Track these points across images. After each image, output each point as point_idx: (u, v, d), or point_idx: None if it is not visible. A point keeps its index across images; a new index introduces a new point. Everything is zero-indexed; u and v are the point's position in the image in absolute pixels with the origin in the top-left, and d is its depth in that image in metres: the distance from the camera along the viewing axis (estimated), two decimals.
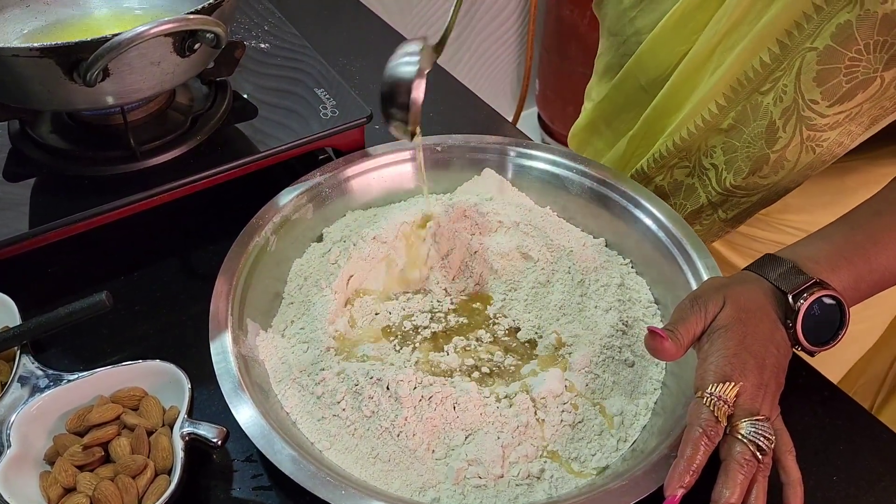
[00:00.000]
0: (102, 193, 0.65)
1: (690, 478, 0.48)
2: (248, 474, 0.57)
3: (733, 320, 0.53)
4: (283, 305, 0.65)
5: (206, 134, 0.71)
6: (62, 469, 0.51)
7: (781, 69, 0.63)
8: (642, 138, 0.79)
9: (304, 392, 0.58)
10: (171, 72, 0.62)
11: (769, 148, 0.66)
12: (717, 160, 0.71)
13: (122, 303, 0.67)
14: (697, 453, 0.48)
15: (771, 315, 0.54)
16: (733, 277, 0.57)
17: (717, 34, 0.67)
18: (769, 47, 0.63)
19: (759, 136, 0.67)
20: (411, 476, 0.54)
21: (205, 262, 0.72)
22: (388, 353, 0.62)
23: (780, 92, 0.64)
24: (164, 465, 0.52)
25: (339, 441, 0.56)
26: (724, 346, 0.52)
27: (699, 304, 0.54)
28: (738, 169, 0.70)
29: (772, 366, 0.52)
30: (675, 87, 0.73)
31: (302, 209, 0.69)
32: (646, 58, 0.76)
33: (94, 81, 0.55)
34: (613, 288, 0.65)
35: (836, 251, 0.57)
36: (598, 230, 0.72)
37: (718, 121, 0.69)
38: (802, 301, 0.53)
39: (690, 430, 0.49)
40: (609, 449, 0.56)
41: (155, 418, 0.55)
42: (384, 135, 0.86)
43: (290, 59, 0.82)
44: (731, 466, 0.48)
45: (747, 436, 0.49)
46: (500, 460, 0.54)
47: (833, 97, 0.61)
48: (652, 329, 0.53)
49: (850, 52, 0.59)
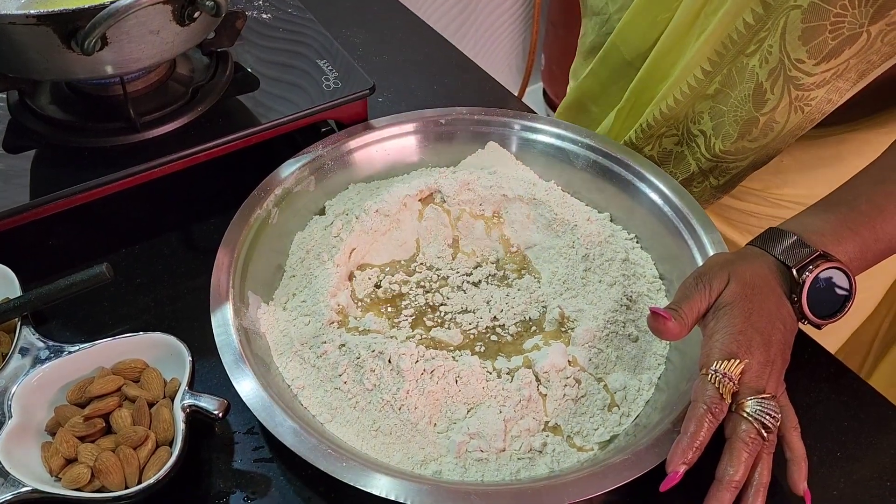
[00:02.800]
0: (102, 165, 0.65)
1: (693, 454, 0.48)
2: (249, 446, 0.57)
3: (739, 297, 0.52)
4: (284, 278, 0.65)
5: (207, 105, 0.70)
6: (63, 440, 0.51)
7: (766, 29, 0.62)
8: (630, 111, 0.78)
9: (306, 365, 0.58)
10: (171, 41, 0.61)
11: (757, 111, 0.66)
12: (704, 126, 0.71)
13: (122, 275, 0.67)
14: (701, 430, 0.48)
15: (776, 290, 0.53)
16: (738, 253, 0.56)
17: (698, 0, 0.66)
18: (752, 7, 0.62)
19: (747, 99, 0.66)
20: (413, 449, 0.54)
21: (206, 235, 0.71)
22: (390, 327, 0.62)
23: (765, 53, 0.63)
24: (165, 437, 0.52)
25: (341, 414, 0.55)
26: (729, 323, 0.51)
27: (704, 282, 0.53)
28: (726, 134, 0.69)
29: (778, 342, 0.52)
30: (659, 56, 0.72)
31: (304, 181, 0.69)
32: (627, 30, 0.75)
33: (92, 50, 0.55)
34: (618, 263, 0.64)
35: (841, 222, 0.56)
36: (602, 204, 0.71)
37: (704, 86, 0.68)
38: (807, 274, 0.53)
39: (695, 406, 0.49)
40: (612, 424, 0.56)
41: (156, 390, 0.55)
42: (386, 107, 0.85)
43: (292, 30, 0.81)
44: (735, 445, 0.48)
45: (753, 414, 0.49)
46: (502, 434, 0.54)
47: (819, 55, 0.60)
48: (654, 310, 0.52)
49: (835, 8, 0.58)
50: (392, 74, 0.91)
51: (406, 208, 0.68)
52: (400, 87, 0.89)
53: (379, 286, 0.65)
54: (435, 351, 0.57)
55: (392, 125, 0.74)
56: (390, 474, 0.50)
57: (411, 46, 0.97)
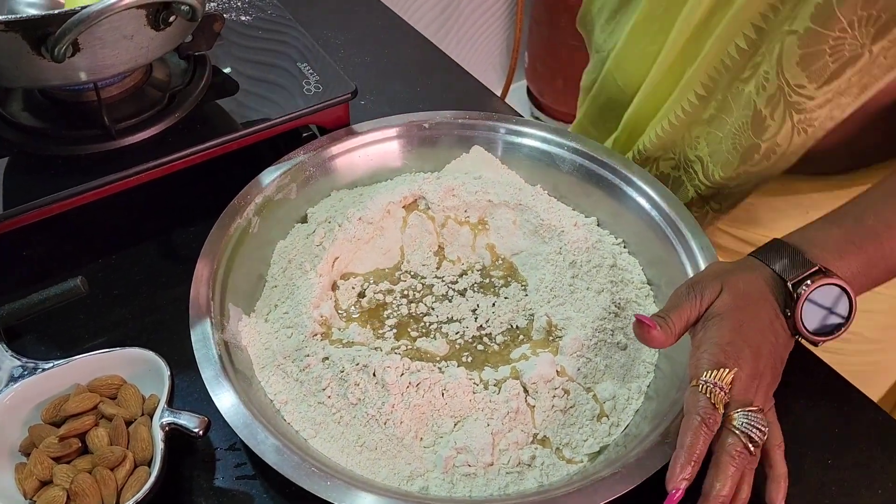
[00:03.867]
0: (77, 174, 0.63)
1: (693, 468, 0.47)
2: (231, 463, 0.55)
3: (730, 307, 0.51)
4: (266, 289, 0.64)
5: (184, 111, 0.68)
6: (38, 461, 0.50)
7: (760, 54, 0.61)
8: (626, 139, 0.77)
9: (289, 379, 0.57)
10: (146, 46, 0.59)
11: (758, 137, 0.64)
12: (701, 152, 0.70)
13: (99, 287, 0.65)
14: (698, 442, 0.47)
15: (771, 303, 0.52)
16: (736, 263, 0.55)
17: (688, 26, 0.65)
18: (745, 33, 0.61)
19: (745, 126, 0.65)
20: (399, 464, 0.52)
21: (185, 244, 0.70)
22: (375, 338, 0.61)
23: (761, 80, 0.62)
24: (143, 457, 0.51)
25: (325, 429, 0.54)
26: (718, 333, 0.50)
27: (695, 291, 0.52)
28: (726, 161, 0.68)
29: (768, 354, 0.50)
30: (652, 85, 0.71)
31: (285, 189, 0.67)
32: (620, 61, 0.75)
33: (63, 57, 0.53)
34: (605, 269, 0.63)
35: (845, 236, 0.54)
36: (589, 209, 0.70)
37: (699, 112, 0.68)
38: (804, 289, 0.51)
39: (688, 418, 0.48)
40: (601, 434, 0.55)
41: (134, 408, 0.53)
42: (369, 110, 0.84)
43: (272, 32, 0.79)
44: (723, 459, 0.47)
45: (740, 427, 0.47)
46: (490, 448, 0.53)
47: (821, 78, 0.59)
48: (639, 317, 0.51)
49: (835, 32, 0.56)
50: (374, 76, 0.90)
51: (390, 215, 0.67)
52: (382, 89, 0.88)
53: (363, 295, 0.64)
54: (420, 363, 0.56)
55: (375, 130, 0.72)
56: (375, 492, 0.48)
57: (393, 48, 0.95)
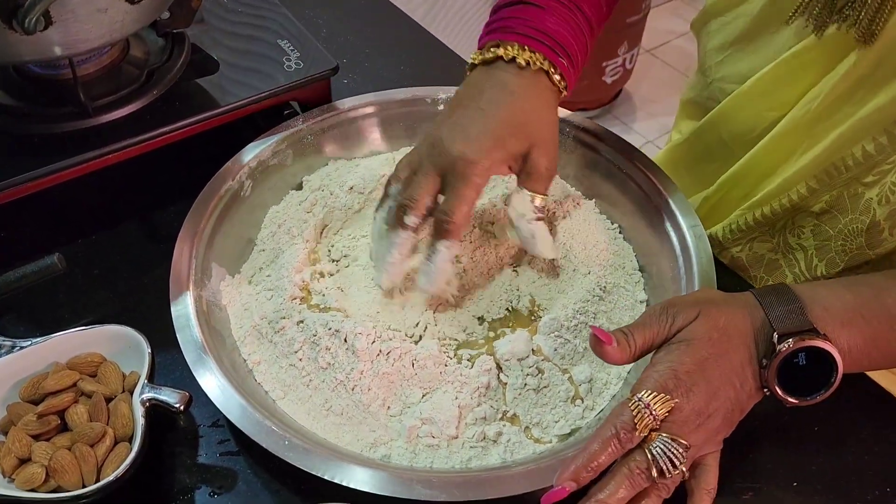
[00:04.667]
0: (53, 152, 0.62)
1: (587, 475, 0.45)
2: (214, 440, 0.55)
3: (700, 337, 0.48)
4: (254, 252, 0.64)
5: (163, 88, 0.68)
6: (16, 439, 0.49)
7: (890, 162, 0.56)
8: (717, 202, 0.72)
9: (263, 340, 0.57)
10: (121, 20, 0.58)
11: (871, 249, 0.59)
12: (805, 242, 0.65)
13: (79, 267, 0.64)
14: (602, 453, 0.45)
15: (748, 347, 0.48)
16: (730, 295, 0.51)
17: (809, 112, 0.60)
18: (875, 136, 0.56)
19: (859, 232, 0.60)
20: (363, 431, 0.52)
21: (166, 223, 0.69)
22: (356, 304, 0.60)
23: (887, 191, 0.57)
24: (124, 433, 0.50)
25: (294, 391, 0.54)
26: (678, 359, 0.47)
27: (668, 314, 0.49)
28: (831, 260, 0.63)
29: (725, 399, 0.47)
30: (760, 155, 0.66)
31: (280, 155, 0.67)
32: (730, 113, 0.69)
33: (34, 28, 0.52)
34: (597, 251, 0.63)
35: (855, 305, 0.49)
36: (589, 191, 0.69)
37: (808, 202, 0.62)
38: (787, 345, 0.47)
39: (604, 427, 0.46)
40: (573, 416, 0.54)
41: (114, 384, 0.53)
42: (352, 89, 0.83)
43: (252, 9, 0.78)
44: (620, 470, 0.45)
45: (653, 451, 0.45)
46: (456, 420, 0.52)
47: None
48: (595, 331, 0.48)
49: None
50: (357, 55, 0.89)
51: (382, 186, 0.66)
52: (366, 67, 0.87)
53: (345, 260, 0.64)
54: (393, 331, 0.56)
55: (383, 100, 0.71)
56: (336, 455, 0.48)
57: (377, 27, 0.94)
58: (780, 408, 0.49)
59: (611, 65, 2.08)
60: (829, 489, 0.53)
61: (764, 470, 0.54)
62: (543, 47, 0.57)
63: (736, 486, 0.52)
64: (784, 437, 0.55)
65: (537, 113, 0.58)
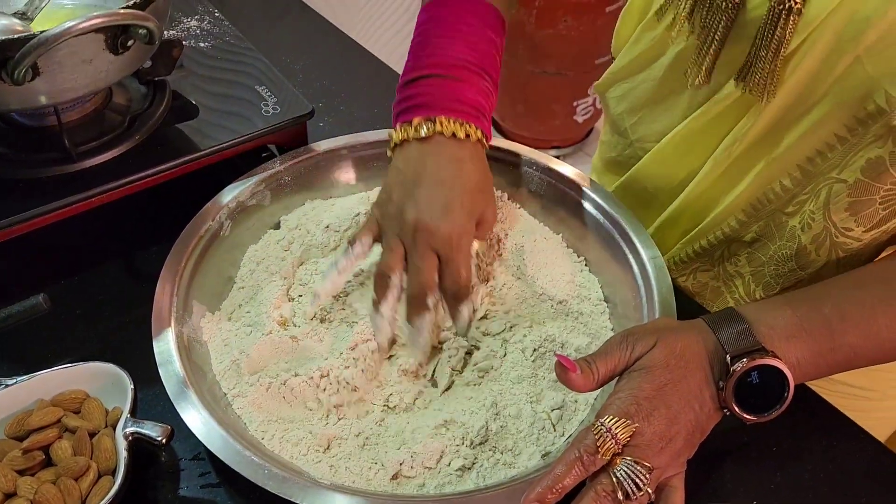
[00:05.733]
0: (38, 196, 0.64)
1: (551, 496, 0.47)
2: (195, 473, 0.56)
3: (658, 364, 0.50)
4: (234, 290, 0.66)
5: (145, 134, 0.70)
6: (1, 474, 0.50)
7: (805, 193, 0.61)
8: (658, 240, 0.73)
9: (243, 374, 0.59)
10: (105, 70, 0.61)
11: (802, 270, 0.64)
12: (742, 269, 0.69)
13: (62, 307, 0.66)
14: (567, 475, 0.47)
15: (705, 370, 0.51)
16: (684, 323, 0.54)
17: (729, 157, 0.64)
18: (790, 172, 0.61)
19: (788, 257, 0.64)
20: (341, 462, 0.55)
21: (147, 263, 0.71)
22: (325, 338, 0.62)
23: (807, 219, 0.62)
24: (107, 466, 0.52)
25: (273, 423, 0.56)
26: (638, 386, 0.50)
27: (628, 342, 0.52)
28: (767, 284, 0.67)
29: (686, 422, 0.49)
30: (687, 201, 0.70)
31: (258, 196, 0.70)
32: (651, 168, 0.73)
33: (23, 80, 0.54)
34: (563, 282, 0.66)
35: (798, 321, 0.52)
36: (556, 227, 0.72)
37: (740, 233, 0.67)
38: (739, 365, 0.49)
39: (569, 451, 0.48)
40: (546, 443, 0.56)
41: (97, 420, 0.54)
42: (328, 133, 0.86)
43: (230, 57, 0.81)
44: (586, 494, 0.47)
45: (617, 473, 0.47)
46: (438, 455, 0.54)
47: (870, 223, 0.59)
48: (560, 358, 0.51)
49: (885, 185, 0.56)
50: (332, 99, 0.92)
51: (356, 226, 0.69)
52: (341, 111, 0.90)
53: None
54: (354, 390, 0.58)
55: (357, 142, 0.74)
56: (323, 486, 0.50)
57: (351, 71, 0.98)
58: (740, 427, 0.52)
59: (582, 104, 2.14)
60: None
61: (725, 489, 0.56)
62: (473, 118, 0.62)
63: None
64: (744, 457, 0.58)
65: (487, 178, 0.64)
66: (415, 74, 0.64)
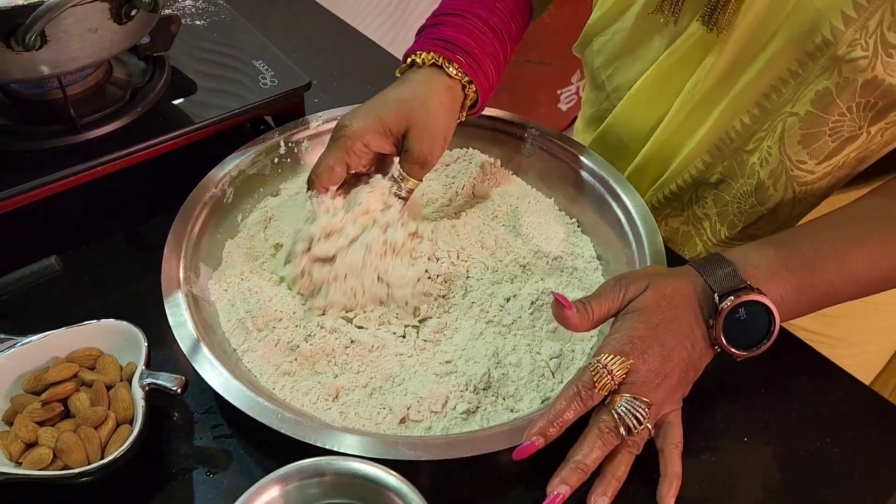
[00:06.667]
0: (45, 166, 0.65)
1: (553, 431, 0.50)
2: (208, 425, 0.58)
3: (650, 306, 0.53)
4: (238, 253, 0.68)
5: (146, 106, 0.72)
6: (22, 425, 0.52)
7: (763, 130, 0.65)
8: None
9: (251, 330, 0.61)
10: (109, 40, 0.63)
11: (761, 205, 0.68)
12: (709, 211, 0.73)
13: (70, 276, 0.67)
14: (567, 410, 0.50)
15: (695, 311, 0.53)
16: (673, 269, 0.57)
17: (693, 98, 0.68)
18: (749, 110, 0.65)
19: (749, 193, 0.68)
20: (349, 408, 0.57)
21: (150, 233, 0.73)
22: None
23: (765, 153, 0.65)
24: (125, 416, 0.53)
25: (281, 375, 0.59)
26: (632, 326, 0.52)
27: (621, 285, 0.54)
28: (730, 223, 0.71)
29: (679, 359, 0.52)
30: (657, 146, 0.74)
31: (259, 165, 0.72)
32: (624, 117, 0.77)
33: (33, 46, 0.56)
34: (556, 241, 0.68)
35: (780, 260, 0.55)
36: (547, 191, 0.75)
37: (706, 175, 0.71)
38: (727, 303, 0.52)
39: (567, 387, 0.51)
40: (546, 390, 0.58)
41: (112, 374, 0.56)
42: (320, 106, 0.87)
43: (226, 33, 0.83)
44: (590, 431, 0.51)
45: (617, 409, 0.50)
46: (444, 399, 0.57)
47: (821, 155, 0.62)
48: (557, 297, 0.53)
49: (833, 116, 0.60)
50: (326, 77, 0.94)
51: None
52: (334, 88, 0.92)
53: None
54: (365, 332, 0.61)
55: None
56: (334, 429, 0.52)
57: (343, 50, 1.00)
58: (729, 370, 0.54)
59: (565, 92, 2.17)
60: (776, 442, 0.58)
61: (717, 429, 0.59)
62: (437, 47, 0.66)
63: (693, 446, 0.57)
64: (734, 399, 0.61)
65: (420, 100, 0.64)
66: (422, 24, 0.70)
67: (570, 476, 0.49)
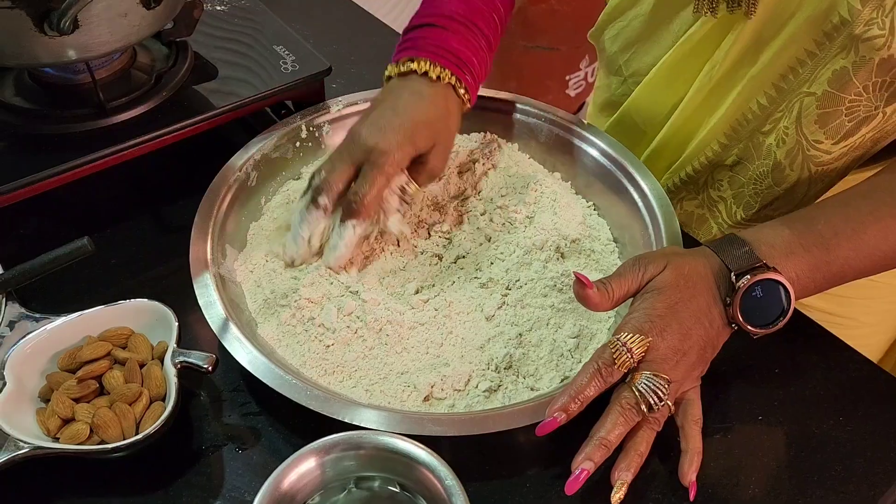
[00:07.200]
0: (72, 150, 0.67)
1: (575, 406, 0.51)
2: (236, 403, 0.60)
3: (669, 285, 0.54)
4: (261, 235, 0.69)
5: (171, 91, 0.73)
6: (59, 402, 0.53)
7: (780, 111, 0.65)
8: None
9: (276, 309, 0.63)
10: (137, 24, 0.64)
11: (778, 186, 0.69)
12: (724, 193, 0.74)
13: (100, 257, 0.68)
14: (588, 386, 0.51)
15: (712, 290, 0.55)
16: (689, 249, 0.58)
17: (711, 80, 0.69)
18: (766, 91, 0.65)
19: (766, 175, 0.69)
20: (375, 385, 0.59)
21: (176, 216, 0.74)
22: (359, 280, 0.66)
23: (781, 134, 0.66)
24: (158, 393, 0.55)
25: (307, 354, 0.60)
26: (651, 305, 0.54)
27: (640, 264, 0.56)
28: (747, 204, 0.72)
29: (698, 337, 0.53)
30: (673, 130, 0.75)
31: (282, 149, 0.73)
32: (641, 102, 0.78)
33: (68, 30, 0.57)
34: (574, 224, 0.69)
35: (795, 238, 0.56)
36: (565, 175, 0.76)
37: (722, 157, 0.72)
38: (744, 281, 0.53)
39: (588, 364, 0.53)
40: (565, 369, 0.60)
41: (145, 352, 0.57)
42: (339, 91, 0.89)
43: (247, 18, 0.84)
44: (613, 408, 0.52)
45: (638, 386, 0.51)
46: (466, 377, 0.58)
47: (837, 135, 0.63)
48: (578, 276, 0.55)
49: (850, 95, 0.60)
50: (344, 63, 0.95)
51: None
52: (352, 73, 0.93)
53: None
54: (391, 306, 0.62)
55: (372, 97, 0.76)
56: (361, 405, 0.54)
57: (360, 36, 1.01)
58: (743, 352, 0.56)
59: (573, 78, 2.17)
60: (790, 421, 0.60)
61: (733, 408, 0.60)
62: (450, 65, 0.66)
63: (709, 425, 0.58)
64: (749, 379, 0.62)
65: (443, 119, 0.65)
66: (415, 23, 0.69)
67: (594, 452, 0.51)
